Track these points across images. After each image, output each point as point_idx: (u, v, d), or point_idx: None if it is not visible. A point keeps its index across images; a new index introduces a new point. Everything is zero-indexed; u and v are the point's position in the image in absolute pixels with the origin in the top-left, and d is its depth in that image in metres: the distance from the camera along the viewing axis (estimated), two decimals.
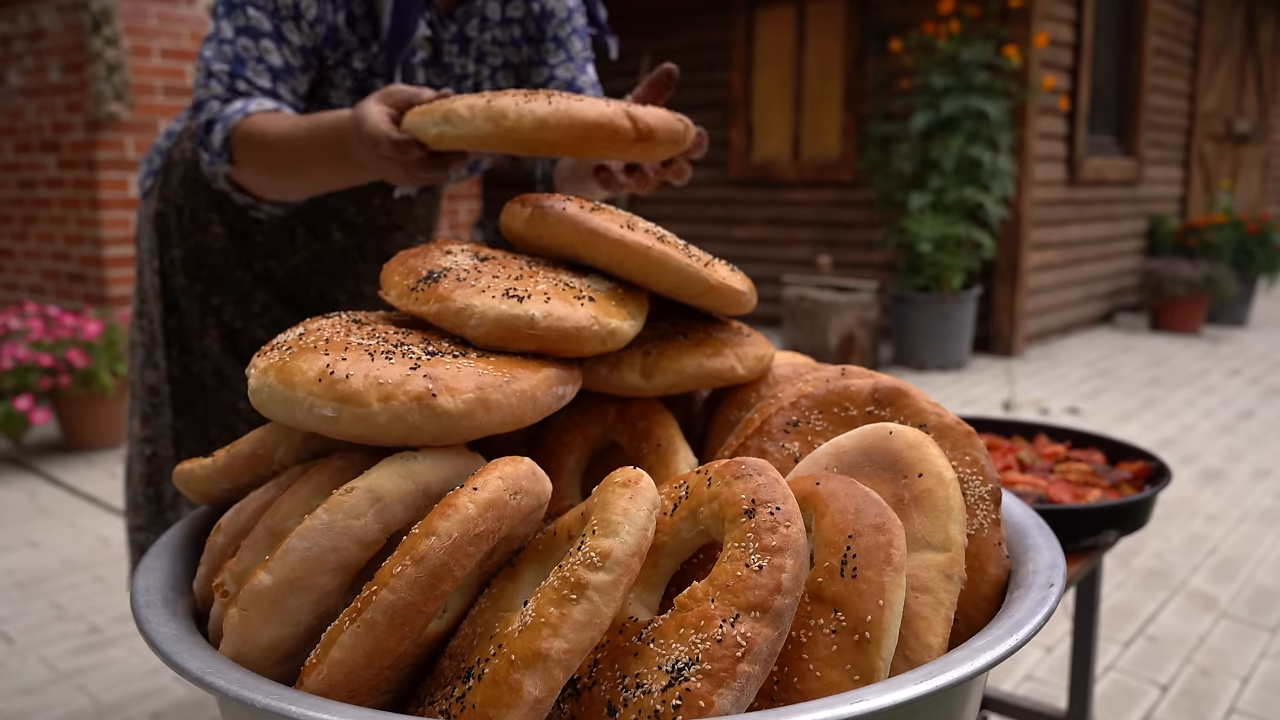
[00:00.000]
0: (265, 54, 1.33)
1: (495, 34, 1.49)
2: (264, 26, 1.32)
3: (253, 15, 1.32)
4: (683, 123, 1.00)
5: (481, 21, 1.46)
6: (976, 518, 0.79)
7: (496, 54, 1.50)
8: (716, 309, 0.94)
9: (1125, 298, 7.86)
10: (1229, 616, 2.69)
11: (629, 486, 0.64)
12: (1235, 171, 9.68)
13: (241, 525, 0.78)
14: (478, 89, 1.49)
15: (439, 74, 1.46)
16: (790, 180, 7.06)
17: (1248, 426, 4.65)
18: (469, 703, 0.58)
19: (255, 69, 1.33)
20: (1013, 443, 1.53)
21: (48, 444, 4.41)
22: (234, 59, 1.32)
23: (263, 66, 1.33)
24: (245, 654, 0.66)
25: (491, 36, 1.48)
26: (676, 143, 0.99)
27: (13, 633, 2.62)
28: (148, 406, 1.62)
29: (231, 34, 1.32)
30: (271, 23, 1.32)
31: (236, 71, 1.32)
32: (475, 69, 1.49)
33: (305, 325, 0.81)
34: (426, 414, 0.69)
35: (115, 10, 4.72)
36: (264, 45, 1.33)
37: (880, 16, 6.49)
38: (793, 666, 0.63)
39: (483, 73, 1.50)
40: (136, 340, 1.64)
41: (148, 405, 1.62)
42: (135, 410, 1.65)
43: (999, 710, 1.80)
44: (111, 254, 4.95)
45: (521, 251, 0.96)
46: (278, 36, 1.33)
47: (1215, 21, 8.58)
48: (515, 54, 1.53)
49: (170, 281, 1.60)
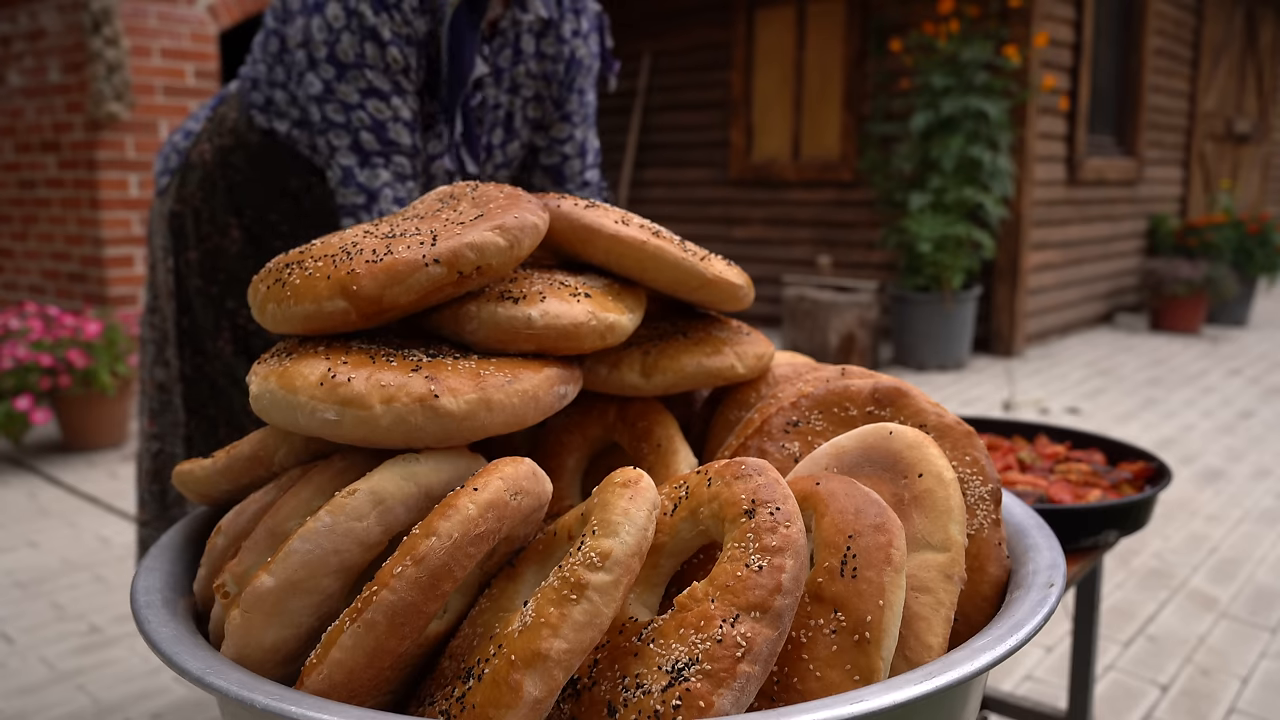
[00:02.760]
0: (398, 111, 1.37)
1: (529, 66, 1.52)
2: (384, 86, 1.36)
3: (373, 77, 1.35)
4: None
5: (515, 54, 1.49)
6: (977, 518, 0.79)
7: (530, 86, 1.54)
8: (714, 305, 0.93)
9: (1125, 298, 7.86)
10: (1229, 616, 2.69)
11: (629, 486, 0.64)
12: (1235, 171, 9.68)
13: (242, 527, 0.77)
14: (510, 119, 1.54)
15: (477, 106, 1.50)
16: (790, 180, 7.06)
17: (1248, 426, 4.65)
18: (469, 703, 0.58)
19: (395, 129, 1.37)
20: (1013, 443, 1.53)
21: (48, 444, 4.41)
22: (374, 125, 1.36)
23: (400, 125, 1.37)
24: (247, 656, 0.66)
25: (525, 69, 1.52)
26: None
27: (13, 633, 2.62)
28: (156, 404, 1.63)
29: (358, 98, 1.35)
30: (390, 80, 1.36)
31: (381, 136, 1.37)
32: (508, 99, 1.52)
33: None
34: (429, 415, 0.69)
35: (115, 10, 4.72)
36: (394, 103, 1.37)
37: (880, 16, 6.49)
38: (793, 667, 0.63)
39: (515, 103, 1.53)
40: (147, 337, 1.64)
41: (156, 402, 1.63)
42: (144, 407, 1.65)
43: (999, 710, 1.80)
44: (111, 254, 4.95)
45: None
46: (400, 91, 1.37)
47: (1215, 21, 8.57)
48: (545, 88, 1.57)
49: (185, 282, 1.60)
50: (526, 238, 0.80)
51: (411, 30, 1.35)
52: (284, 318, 0.76)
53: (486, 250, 0.77)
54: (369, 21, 1.32)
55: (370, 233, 0.82)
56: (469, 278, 0.77)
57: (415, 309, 0.78)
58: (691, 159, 7.62)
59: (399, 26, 1.33)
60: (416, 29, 1.35)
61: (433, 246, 0.75)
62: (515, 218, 0.80)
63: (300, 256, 0.79)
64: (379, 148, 1.36)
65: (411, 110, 1.38)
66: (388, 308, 0.75)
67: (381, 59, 1.34)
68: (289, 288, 0.76)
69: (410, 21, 1.34)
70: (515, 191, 0.87)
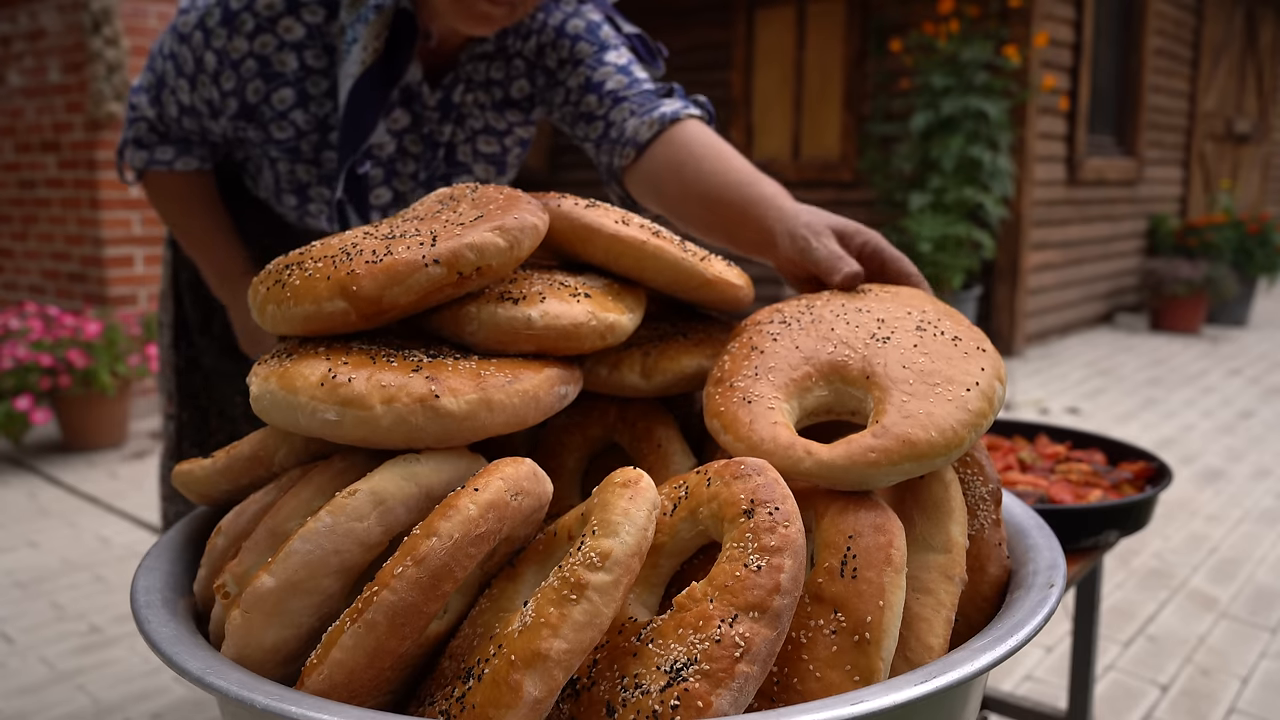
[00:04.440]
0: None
1: (477, 95, 1.40)
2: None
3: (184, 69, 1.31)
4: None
5: (466, 85, 1.38)
6: (977, 518, 0.79)
7: (477, 116, 1.41)
8: (714, 305, 0.93)
9: (1125, 298, 7.86)
10: (1229, 616, 2.69)
11: (629, 487, 0.64)
12: (1235, 171, 9.68)
13: (242, 527, 0.77)
14: (451, 151, 1.42)
15: (416, 141, 1.39)
16: (790, 180, 7.06)
17: (1248, 426, 4.65)
18: (469, 703, 0.58)
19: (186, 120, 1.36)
20: (1013, 443, 1.53)
21: (48, 444, 4.41)
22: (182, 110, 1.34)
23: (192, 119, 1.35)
24: (247, 656, 0.66)
25: (473, 99, 1.40)
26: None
27: (13, 633, 2.62)
28: (173, 385, 1.65)
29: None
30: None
31: (163, 112, 1.35)
32: (452, 131, 1.41)
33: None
34: (430, 415, 0.69)
35: (115, 10, 4.72)
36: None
37: (880, 16, 6.49)
38: (792, 667, 0.63)
39: (459, 135, 1.41)
40: (164, 321, 1.66)
41: (173, 384, 1.65)
42: (163, 387, 1.68)
43: (999, 710, 1.80)
44: (111, 254, 4.95)
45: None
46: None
47: (1215, 21, 8.57)
48: (498, 118, 1.43)
49: (178, 275, 1.63)
50: (526, 238, 0.80)
51: (264, 65, 1.26)
52: (284, 319, 0.76)
53: (486, 251, 0.77)
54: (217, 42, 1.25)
55: (370, 234, 0.82)
56: (469, 278, 0.77)
57: (415, 310, 0.78)
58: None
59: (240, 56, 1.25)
60: (281, 62, 1.26)
61: (432, 247, 0.75)
62: (515, 218, 0.80)
63: (300, 257, 0.79)
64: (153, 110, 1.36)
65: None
66: (387, 308, 0.75)
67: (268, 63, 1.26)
68: (288, 289, 0.76)
69: (265, 55, 1.25)
70: (514, 192, 0.87)
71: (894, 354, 0.78)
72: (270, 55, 1.25)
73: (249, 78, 1.26)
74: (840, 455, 0.70)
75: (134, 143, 1.40)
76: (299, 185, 1.39)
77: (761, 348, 0.83)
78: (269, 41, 1.25)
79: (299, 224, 1.49)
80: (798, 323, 0.86)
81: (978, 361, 0.78)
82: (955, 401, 0.73)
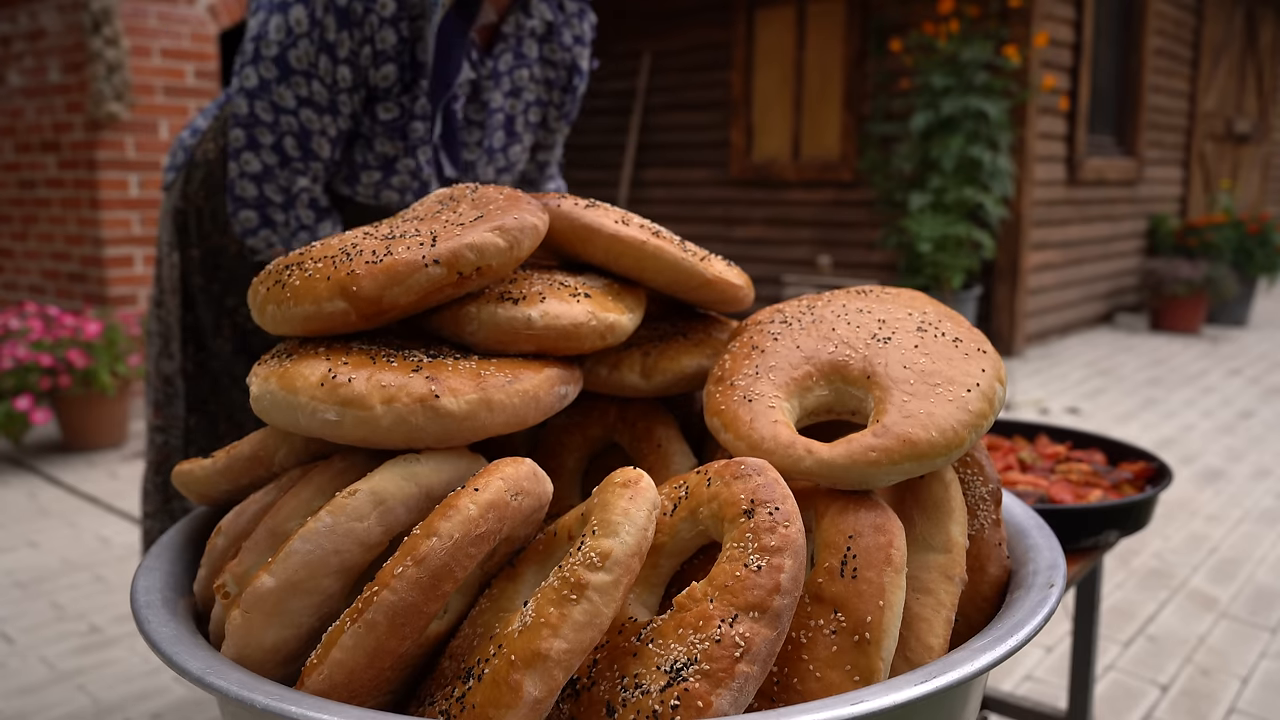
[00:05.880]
0: (326, 128, 1.38)
1: (533, 71, 1.53)
2: (323, 101, 1.36)
3: (316, 89, 1.35)
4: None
5: (517, 58, 1.51)
6: (977, 518, 0.79)
7: (531, 90, 1.55)
8: (714, 305, 0.93)
9: (1125, 298, 7.86)
10: (1229, 616, 2.69)
11: (629, 487, 0.64)
12: (1235, 171, 9.68)
13: (242, 527, 0.77)
14: (510, 123, 1.56)
15: (477, 110, 1.50)
16: (790, 180, 7.06)
17: (1248, 426, 4.65)
18: (469, 703, 0.58)
19: (319, 142, 1.39)
20: (1013, 443, 1.53)
21: (48, 444, 4.41)
22: (301, 133, 1.37)
23: (325, 139, 1.39)
24: (247, 656, 0.66)
25: (529, 73, 1.53)
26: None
27: (13, 633, 2.62)
28: (161, 396, 1.64)
29: (294, 103, 1.35)
30: (330, 96, 1.36)
31: (304, 145, 1.38)
32: (509, 103, 1.54)
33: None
34: (430, 415, 0.69)
35: (115, 10, 4.72)
36: (325, 121, 1.38)
37: (880, 16, 6.49)
38: (792, 667, 0.63)
39: (516, 107, 1.55)
40: (154, 330, 1.66)
41: (161, 395, 1.64)
42: (150, 398, 1.67)
43: (999, 710, 1.80)
44: (111, 254, 4.95)
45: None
46: (334, 110, 1.37)
47: (1215, 21, 8.57)
48: (547, 93, 1.59)
49: (188, 279, 1.62)
50: (526, 238, 0.80)
51: (373, 47, 1.34)
52: (284, 319, 0.76)
53: (486, 251, 0.77)
54: (330, 36, 1.32)
55: (370, 234, 0.82)
56: (469, 278, 0.77)
57: (415, 310, 0.78)
58: (691, 159, 7.62)
59: (357, 45, 1.33)
60: (384, 40, 1.35)
61: (432, 247, 0.75)
62: (515, 219, 0.80)
63: (300, 258, 0.79)
64: (299, 154, 1.38)
65: (339, 130, 1.39)
66: (387, 308, 0.75)
67: (331, 74, 1.34)
68: (289, 289, 0.76)
69: (372, 37, 1.33)
70: (514, 193, 0.87)
71: (895, 354, 0.78)
72: (374, 35, 1.34)
73: (365, 64, 1.36)
74: (841, 454, 0.70)
75: (304, 229, 1.44)
76: (386, 160, 1.45)
77: (762, 347, 0.83)
78: (373, 22, 1.34)
79: (374, 200, 1.52)
80: (799, 322, 0.86)
81: (978, 363, 0.78)
82: (956, 402, 0.73)
